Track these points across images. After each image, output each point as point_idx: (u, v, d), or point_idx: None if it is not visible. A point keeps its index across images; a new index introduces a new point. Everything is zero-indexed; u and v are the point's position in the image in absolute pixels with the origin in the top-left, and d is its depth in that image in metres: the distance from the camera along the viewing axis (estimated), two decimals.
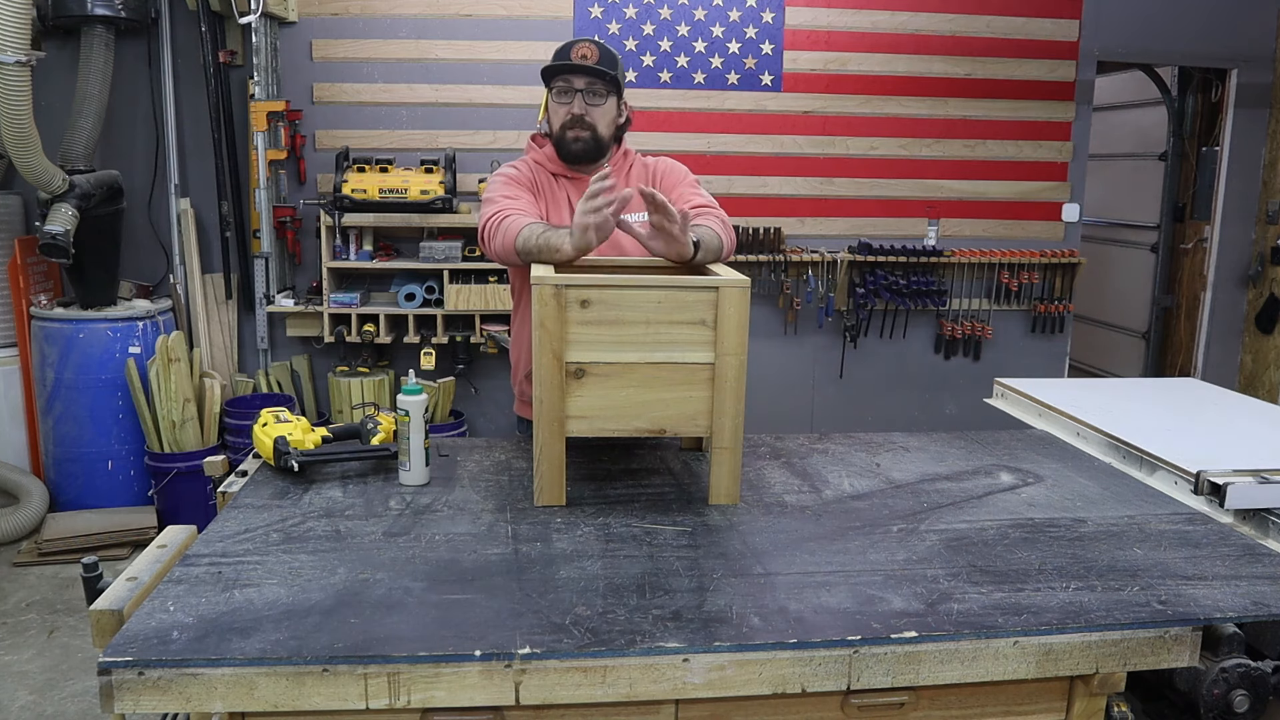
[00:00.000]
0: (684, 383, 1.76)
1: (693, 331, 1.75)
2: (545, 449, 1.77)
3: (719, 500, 1.82)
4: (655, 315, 1.75)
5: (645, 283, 1.76)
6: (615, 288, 1.74)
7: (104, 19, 4.25)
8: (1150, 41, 5.06)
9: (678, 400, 1.77)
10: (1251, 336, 5.40)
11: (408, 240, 4.74)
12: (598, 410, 1.76)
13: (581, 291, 1.72)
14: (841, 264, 4.88)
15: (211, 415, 4.37)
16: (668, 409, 1.77)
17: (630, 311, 1.74)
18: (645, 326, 1.75)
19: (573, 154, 2.21)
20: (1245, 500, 1.81)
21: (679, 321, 1.75)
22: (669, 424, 1.78)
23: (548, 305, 1.71)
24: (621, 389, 1.75)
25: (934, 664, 1.36)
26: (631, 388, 1.76)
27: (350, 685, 1.26)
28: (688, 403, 1.77)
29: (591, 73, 2.16)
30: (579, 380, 1.74)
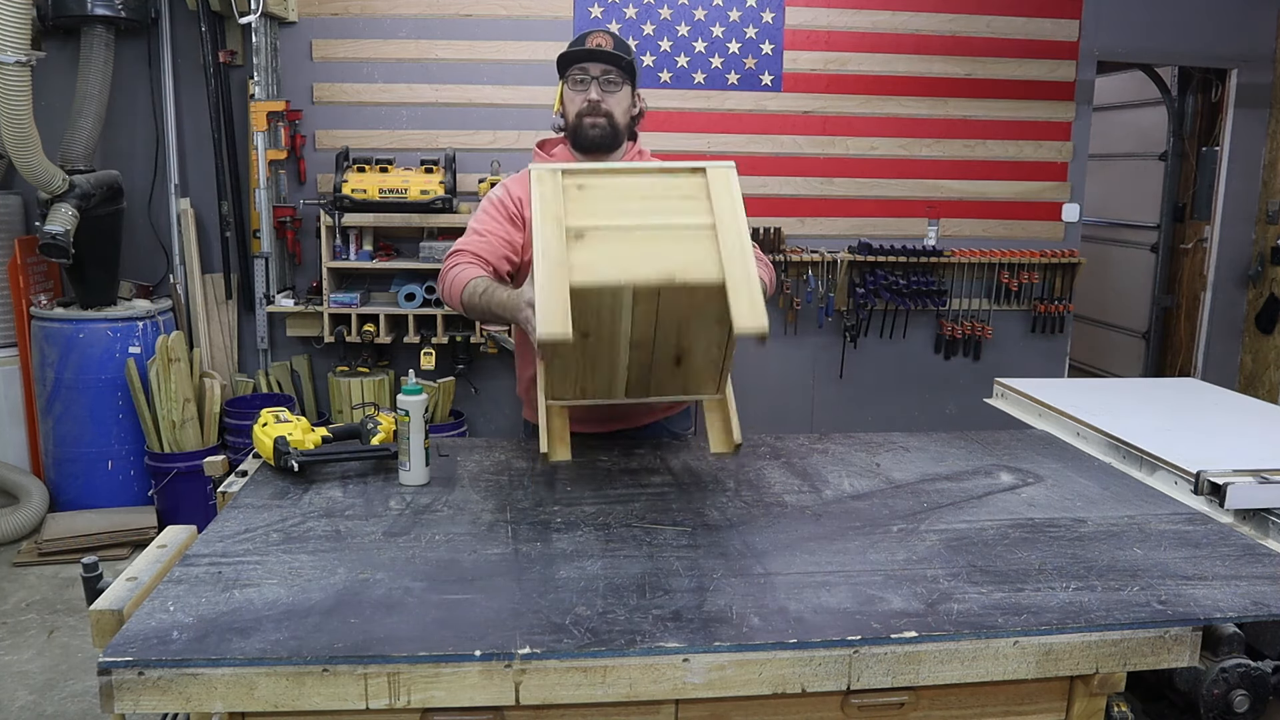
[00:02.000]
0: (687, 239, 1.71)
1: (688, 204, 1.75)
2: (547, 285, 1.63)
3: (744, 324, 1.60)
4: (650, 193, 1.76)
5: (637, 168, 1.85)
6: (609, 173, 1.79)
7: (104, 19, 4.25)
8: (1150, 41, 5.06)
9: (684, 250, 1.69)
10: (1251, 336, 5.40)
11: (408, 240, 4.74)
12: (601, 262, 1.66)
13: (578, 178, 1.75)
14: (841, 264, 4.88)
15: (211, 415, 4.37)
16: (674, 258, 1.67)
17: (625, 191, 1.77)
18: (642, 201, 1.75)
19: (590, 140, 2.20)
20: (1245, 500, 1.81)
21: (674, 197, 1.75)
22: (678, 270, 1.65)
23: (546, 183, 1.72)
24: (623, 245, 1.70)
25: (934, 664, 1.36)
26: (633, 244, 1.70)
27: (350, 685, 1.26)
28: (694, 252, 1.69)
29: (608, 59, 2.16)
30: (580, 239, 1.69)
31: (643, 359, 1.83)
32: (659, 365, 1.85)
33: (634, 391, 1.90)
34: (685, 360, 1.85)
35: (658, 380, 1.89)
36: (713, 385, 1.91)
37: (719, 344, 1.81)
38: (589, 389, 1.89)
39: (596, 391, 1.90)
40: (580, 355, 1.79)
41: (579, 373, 1.86)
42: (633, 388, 1.90)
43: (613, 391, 1.90)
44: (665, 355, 1.83)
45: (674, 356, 1.83)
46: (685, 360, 1.85)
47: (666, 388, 1.91)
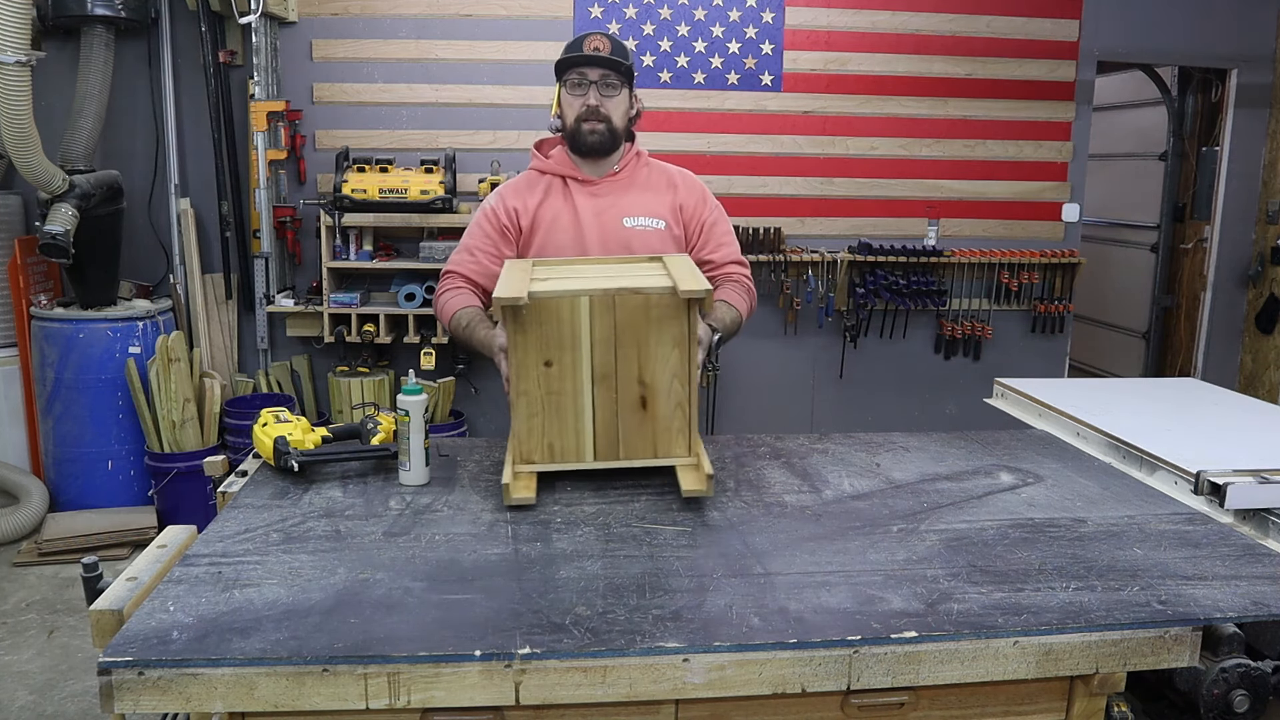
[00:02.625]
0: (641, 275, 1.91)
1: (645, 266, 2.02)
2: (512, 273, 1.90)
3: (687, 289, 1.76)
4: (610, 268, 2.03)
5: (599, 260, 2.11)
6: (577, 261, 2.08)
7: (104, 19, 4.25)
8: (1150, 41, 5.06)
9: (637, 277, 1.87)
10: (1251, 336, 5.40)
11: (408, 240, 4.74)
12: (561, 284, 1.84)
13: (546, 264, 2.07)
14: (841, 264, 4.88)
15: (211, 415, 4.37)
16: (628, 279, 1.85)
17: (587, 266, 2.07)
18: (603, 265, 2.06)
19: (589, 146, 2.21)
20: (1245, 500, 1.81)
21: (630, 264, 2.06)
22: (629, 283, 1.81)
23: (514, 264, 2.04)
24: (582, 276, 1.92)
25: (934, 664, 1.36)
26: (591, 276, 1.92)
27: (350, 685, 1.26)
28: (647, 278, 1.85)
29: (606, 64, 2.16)
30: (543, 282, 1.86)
31: (607, 397, 1.84)
32: (625, 410, 1.85)
33: (603, 450, 1.87)
34: (650, 403, 1.85)
35: (626, 433, 1.87)
36: (683, 443, 1.88)
37: (680, 378, 1.84)
38: (556, 445, 1.86)
39: (565, 450, 1.87)
40: (545, 393, 1.82)
41: (545, 420, 1.84)
42: (601, 445, 1.87)
43: (581, 450, 1.87)
44: (629, 394, 1.84)
45: (639, 396, 1.84)
46: (650, 403, 1.85)
47: (636, 445, 1.88)
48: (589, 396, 1.83)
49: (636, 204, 2.25)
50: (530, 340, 1.80)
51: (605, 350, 1.80)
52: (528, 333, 1.79)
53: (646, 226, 2.23)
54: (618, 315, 1.79)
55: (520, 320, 1.78)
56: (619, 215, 2.23)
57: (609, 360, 1.81)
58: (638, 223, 2.23)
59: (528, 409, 1.83)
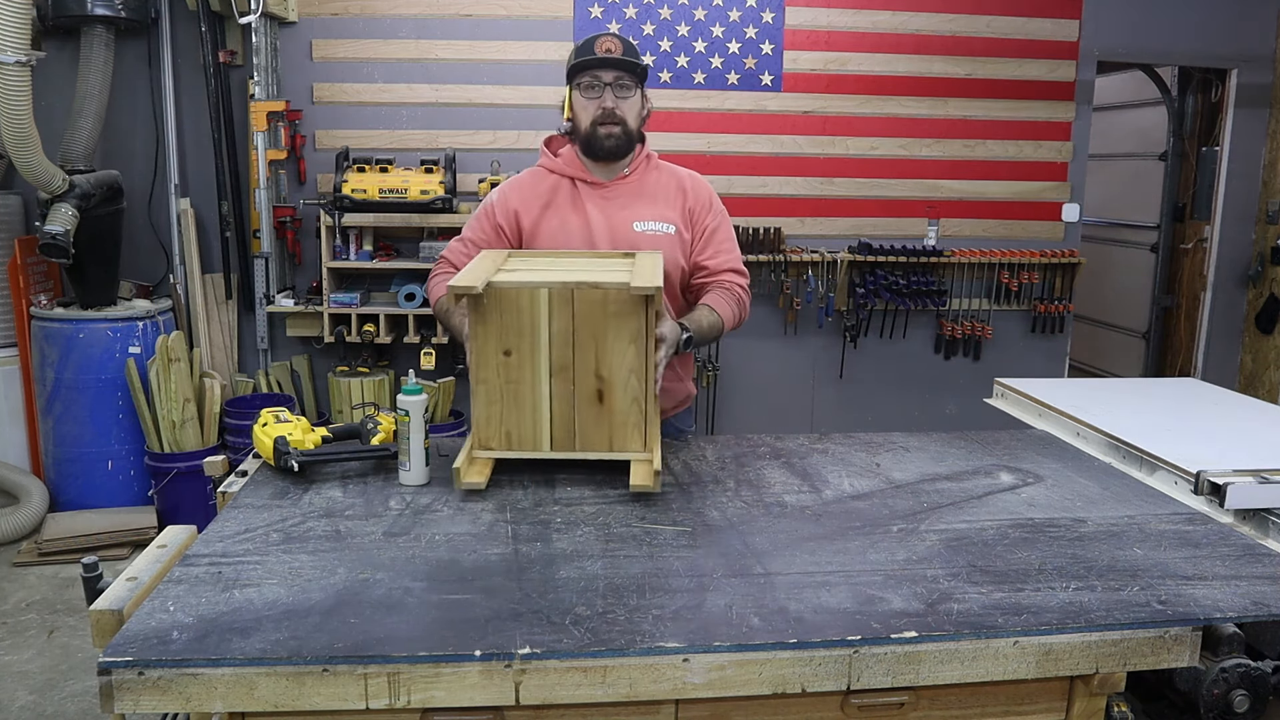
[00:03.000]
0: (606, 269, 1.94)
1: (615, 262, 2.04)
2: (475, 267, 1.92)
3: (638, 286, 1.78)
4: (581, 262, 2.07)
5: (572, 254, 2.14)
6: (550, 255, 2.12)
7: (104, 19, 4.25)
8: (1150, 41, 5.06)
9: (600, 271, 1.90)
10: (1251, 336, 5.40)
11: (408, 240, 4.74)
12: (524, 275, 1.87)
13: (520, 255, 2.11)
14: (841, 264, 4.88)
15: (211, 415, 4.37)
16: (590, 274, 1.87)
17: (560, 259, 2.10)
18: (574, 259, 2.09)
19: (605, 150, 2.18)
20: (1245, 500, 1.81)
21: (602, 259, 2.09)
22: (589, 278, 1.84)
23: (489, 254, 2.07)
24: (547, 268, 1.95)
25: (934, 664, 1.36)
26: (557, 269, 1.94)
27: (350, 685, 1.26)
28: (611, 273, 1.88)
29: (621, 66, 2.14)
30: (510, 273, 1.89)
31: (564, 389, 1.86)
32: (581, 402, 1.87)
33: (560, 441, 1.90)
34: (607, 397, 1.87)
35: (582, 426, 1.89)
36: (639, 438, 1.90)
37: (638, 374, 1.85)
38: (514, 434, 1.89)
39: (523, 439, 1.89)
40: (504, 382, 1.86)
41: (503, 408, 1.88)
42: (558, 436, 1.89)
43: (538, 439, 1.90)
44: (586, 386, 1.86)
45: (595, 390, 1.87)
46: (607, 397, 1.87)
47: (592, 437, 1.90)
48: (546, 387, 1.87)
49: (647, 208, 2.24)
50: (490, 329, 1.84)
51: (564, 343, 1.84)
52: (488, 322, 1.83)
53: (656, 231, 2.22)
54: (576, 308, 1.82)
55: (480, 309, 1.82)
56: (630, 219, 2.22)
57: (567, 353, 1.85)
58: (648, 227, 2.22)
59: (486, 396, 1.87)
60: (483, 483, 1.83)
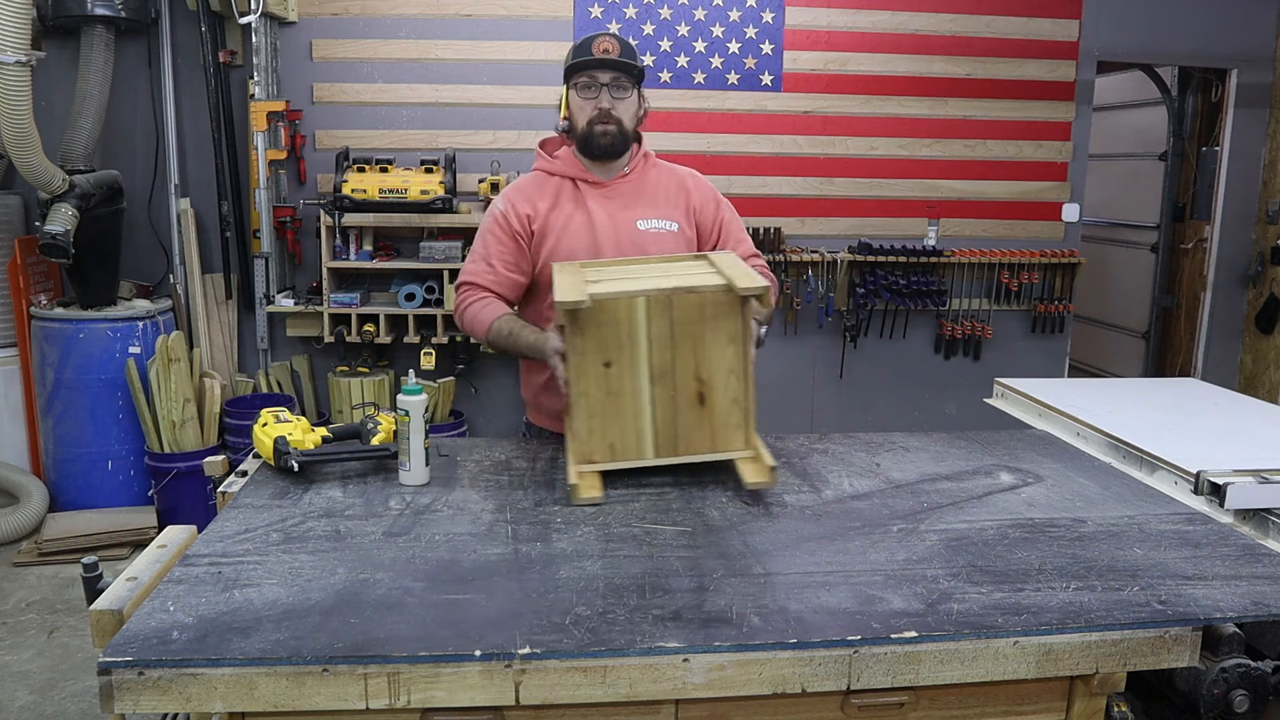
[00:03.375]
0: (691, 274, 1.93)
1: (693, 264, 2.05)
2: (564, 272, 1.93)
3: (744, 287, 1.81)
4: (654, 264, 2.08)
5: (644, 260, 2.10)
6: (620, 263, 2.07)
7: (104, 19, 4.25)
8: (1150, 41, 5.06)
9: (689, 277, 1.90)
10: (1251, 336, 5.40)
11: (408, 240, 4.74)
12: (616, 285, 1.85)
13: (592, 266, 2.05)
14: (841, 264, 4.88)
15: (211, 415, 4.37)
16: (681, 279, 1.87)
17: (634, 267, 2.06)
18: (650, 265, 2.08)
19: (601, 149, 2.19)
20: (1245, 500, 1.81)
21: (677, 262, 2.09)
22: (683, 284, 1.84)
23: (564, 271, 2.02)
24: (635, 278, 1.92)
25: (934, 664, 1.36)
26: (643, 278, 1.92)
27: (350, 685, 1.26)
28: (699, 277, 1.89)
29: (617, 67, 2.15)
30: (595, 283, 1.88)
31: (666, 395, 1.87)
32: (683, 406, 1.88)
33: (663, 447, 1.90)
34: (708, 399, 1.89)
35: (684, 429, 1.90)
36: (740, 437, 1.93)
37: (736, 374, 1.88)
38: (618, 445, 1.89)
39: (625, 449, 1.89)
40: (604, 394, 1.85)
41: (605, 420, 1.87)
42: (661, 442, 1.90)
43: (641, 448, 1.90)
44: (687, 390, 1.87)
45: (696, 393, 1.88)
46: (708, 399, 1.89)
47: (694, 441, 1.91)
48: (647, 395, 1.86)
49: (649, 206, 2.25)
50: (589, 342, 1.82)
51: (663, 349, 1.84)
52: (586, 335, 1.82)
53: (660, 229, 2.22)
54: (674, 314, 1.82)
55: (579, 323, 1.80)
56: (632, 218, 2.22)
57: (666, 359, 1.85)
58: (651, 225, 2.22)
59: (588, 410, 1.86)
60: (599, 496, 1.81)
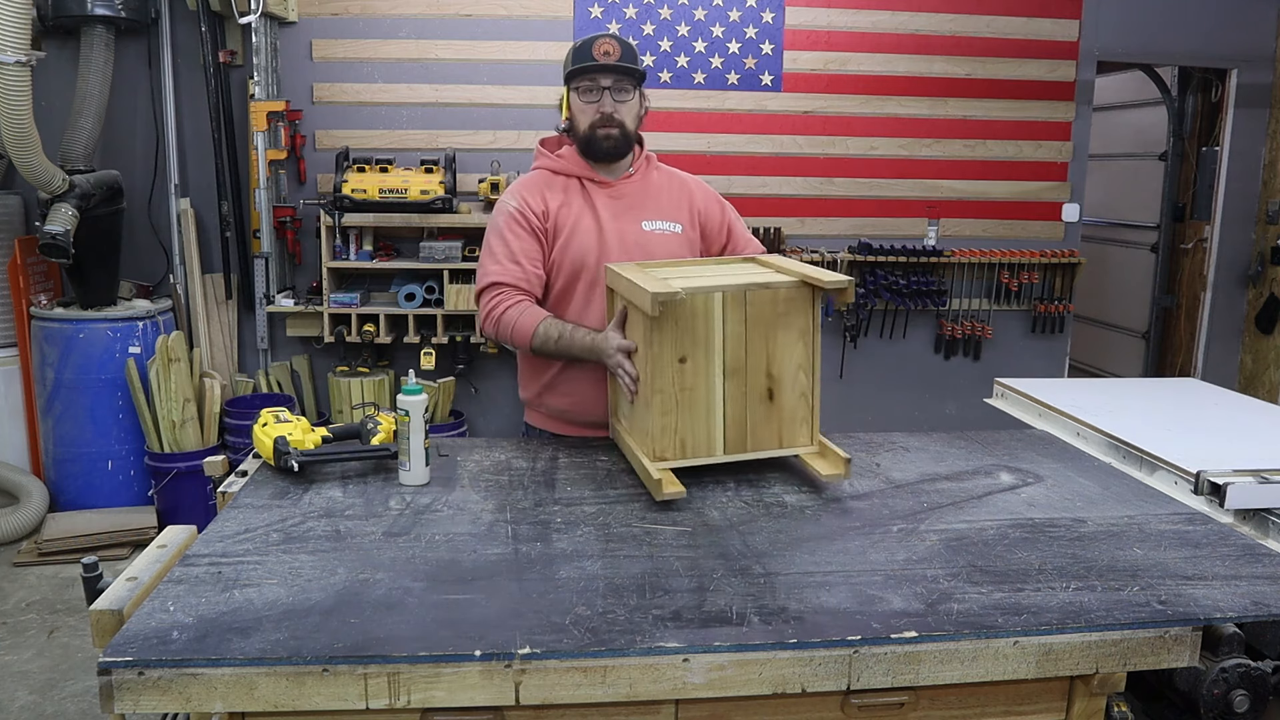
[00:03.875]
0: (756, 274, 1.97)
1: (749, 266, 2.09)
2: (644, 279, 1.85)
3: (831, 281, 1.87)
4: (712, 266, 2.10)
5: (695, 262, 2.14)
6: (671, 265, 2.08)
7: (104, 19, 4.25)
8: (1150, 41, 5.06)
9: (756, 275, 1.94)
10: (1251, 336, 5.40)
11: (408, 240, 4.74)
12: (690, 282, 1.85)
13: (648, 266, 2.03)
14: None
15: (211, 415, 4.37)
16: (751, 277, 1.91)
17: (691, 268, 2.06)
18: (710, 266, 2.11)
19: (603, 152, 2.19)
20: (1245, 500, 1.81)
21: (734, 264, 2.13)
22: (757, 280, 1.88)
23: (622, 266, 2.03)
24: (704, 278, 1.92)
25: (934, 664, 1.36)
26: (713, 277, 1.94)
27: (350, 685, 1.26)
28: (766, 275, 1.93)
29: (619, 70, 2.14)
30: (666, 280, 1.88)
31: (738, 391, 1.89)
32: (753, 402, 1.91)
33: (733, 443, 1.92)
34: (777, 395, 1.92)
35: (754, 426, 1.92)
36: (806, 432, 1.98)
37: (805, 369, 1.93)
38: (688, 441, 1.89)
39: (696, 445, 1.90)
40: (679, 389, 1.86)
41: (678, 416, 1.87)
42: (731, 438, 1.92)
43: (711, 445, 1.91)
44: (757, 386, 1.90)
45: (766, 389, 1.91)
46: (777, 395, 1.92)
47: (762, 436, 1.94)
48: (720, 391, 1.88)
49: (653, 208, 2.25)
50: (665, 337, 1.83)
51: (736, 345, 1.87)
52: (663, 330, 1.82)
53: (664, 230, 2.23)
54: (749, 310, 1.85)
55: (656, 319, 1.79)
56: (638, 219, 2.22)
57: (740, 354, 1.87)
58: (655, 226, 2.23)
59: (662, 406, 1.86)
60: (681, 491, 1.80)
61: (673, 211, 2.26)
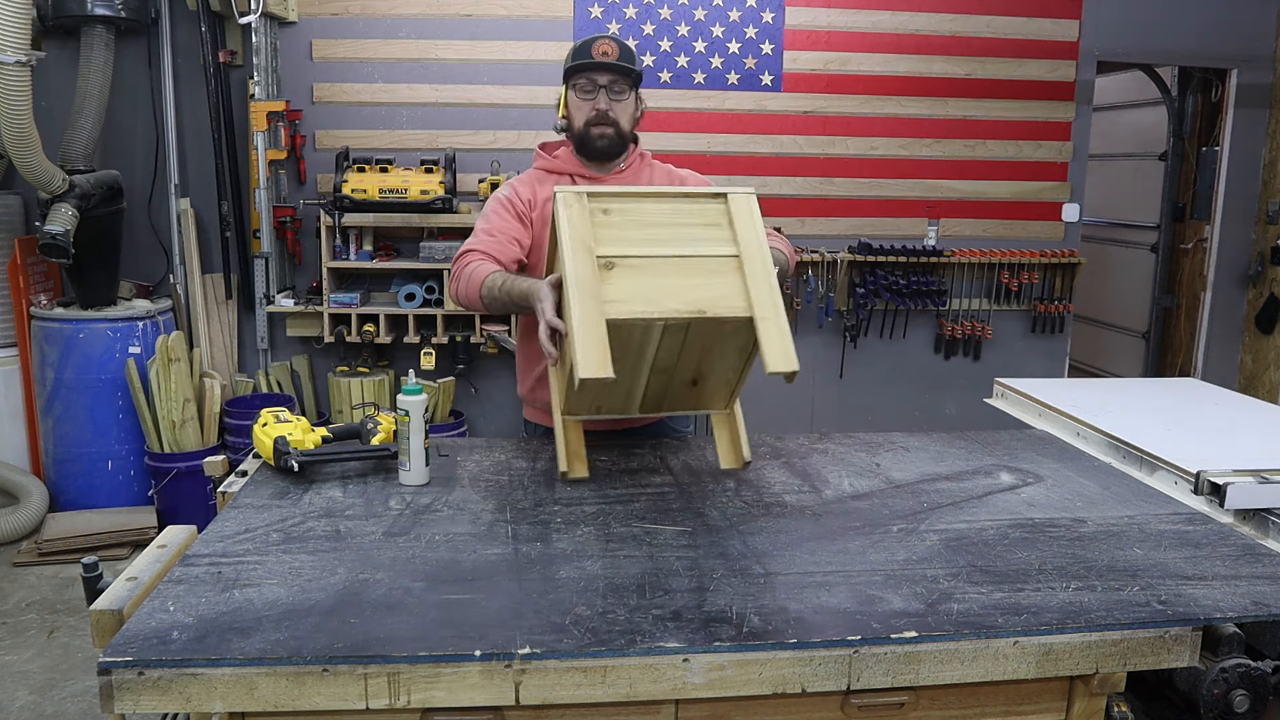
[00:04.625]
0: (713, 271, 1.79)
1: (711, 231, 1.84)
2: (585, 322, 1.65)
3: (778, 368, 1.68)
4: (673, 219, 1.83)
5: (659, 192, 1.90)
6: (634, 197, 1.85)
7: (104, 19, 4.25)
8: (1150, 41, 5.06)
9: (710, 284, 1.77)
10: (1251, 336, 5.40)
11: (408, 240, 4.74)
12: (633, 295, 1.73)
13: (603, 201, 1.80)
14: (841, 264, 4.88)
15: (211, 415, 4.37)
16: (701, 291, 1.76)
17: (650, 218, 1.82)
18: (668, 228, 1.82)
19: (597, 150, 2.22)
20: (1245, 500, 1.81)
21: (697, 224, 1.84)
22: (707, 305, 1.74)
23: (573, 207, 1.77)
24: (653, 276, 1.76)
25: (934, 664, 1.36)
26: (663, 276, 1.77)
27: (350, 685, 1.26)
28: (721, 285, 1.77)
29: (616, 69, 2.17)
30: (610, 270, 1.74)
31: (661, 382, 1.90)
32: (675, 387, 1.93)
33: (648, 408, 1.96)
34: (701, 383, 1.93)
35: (671, 399, 1.96)
36: (723, 401, 1.98)
37: (736, 369, 1.91)
38: (604, 406, 1.94)
39: (612, 408, 1.94)
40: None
41: (597, 392, 1.89)
42: (647, 406, 1.96)
43: (628, 408, 1.95)
44: (683, 379, 1.91)
45: (691, 379, 1.91)
46: (701, 383, 1.93)
47: (679, 405, 2.00)
48: (644, 382, 1.90)
49: None
50: None
51: (669, 354, 1.84)
52: None
53: None
54: (689, 333, 1.77)
55: None
56: None
57: (671, 360, 1.86)
58: None
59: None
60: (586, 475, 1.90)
61: None
